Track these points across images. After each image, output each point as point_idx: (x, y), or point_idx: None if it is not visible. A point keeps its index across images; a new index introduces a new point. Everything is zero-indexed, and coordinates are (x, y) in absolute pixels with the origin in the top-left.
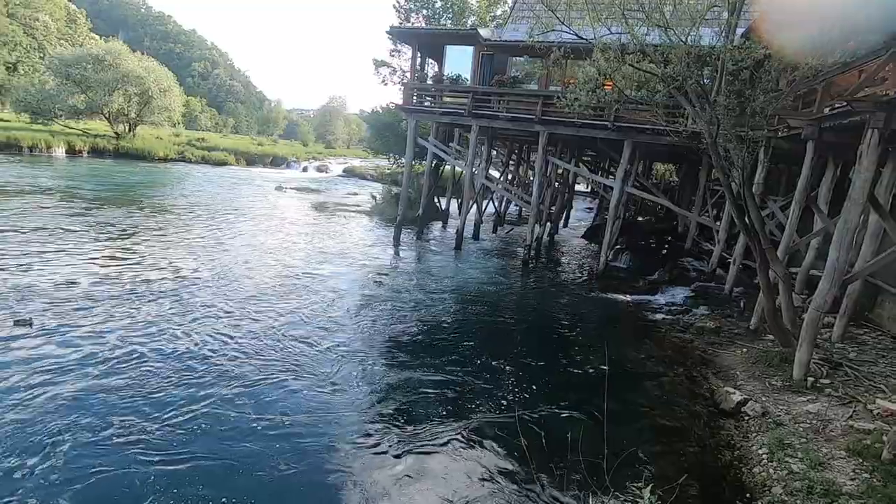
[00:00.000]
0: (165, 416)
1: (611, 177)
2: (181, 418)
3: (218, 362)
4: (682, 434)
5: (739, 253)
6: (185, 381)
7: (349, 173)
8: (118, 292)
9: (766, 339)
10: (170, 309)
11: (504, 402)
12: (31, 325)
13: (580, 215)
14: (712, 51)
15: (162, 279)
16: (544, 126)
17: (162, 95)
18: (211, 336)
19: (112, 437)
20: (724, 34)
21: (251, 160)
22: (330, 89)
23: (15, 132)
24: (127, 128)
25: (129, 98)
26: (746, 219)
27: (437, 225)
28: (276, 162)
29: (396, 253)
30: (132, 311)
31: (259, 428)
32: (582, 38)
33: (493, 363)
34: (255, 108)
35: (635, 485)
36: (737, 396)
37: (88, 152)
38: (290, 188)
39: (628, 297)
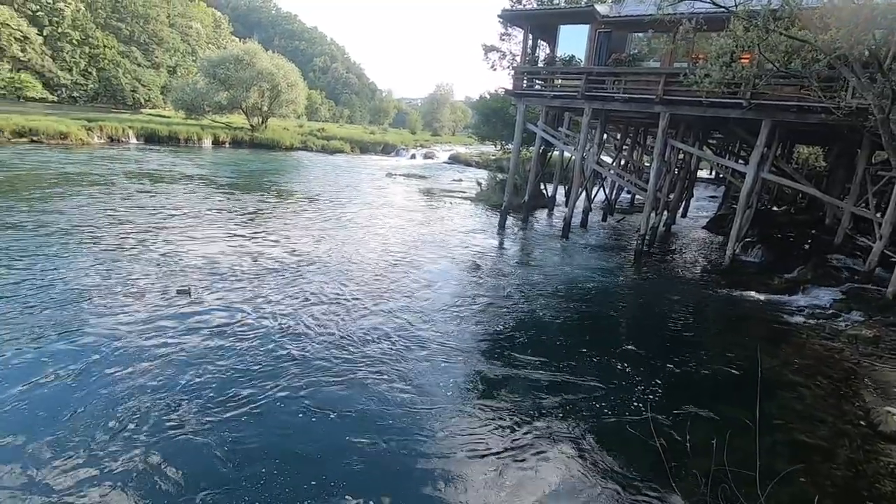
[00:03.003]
0: (269, 390)
1: (741, 161)
2: (283, 395)
3: (323, 344)
4: (829, 454)
5: None
6: (292, 359)
7: (454, 160)
8: (249, 268)
9: None
10: (288, 286)
11: (628, 404)
12: (189, 293)
13: (701, 204)
14: (890, 9)
15: (283, 258)
16: (666, 106)
17: (289, 90)
18: (319, 317)
19: (235, 396)
20: None
21: (364, 148)
22: (437, 77)
23: (175, 127)
24: (260, 120)
25: (263, 93)
26: None
27: (543, 212)
28: (387, 149)
29: (500, 240)
30: (260, 286)
31: (355, 415)
32: (720, 7)
33: (610, 362)
34: (367, 99)
35: None
36: None
37: (230, 143)
38: (399, 175)
39: (760, 296)
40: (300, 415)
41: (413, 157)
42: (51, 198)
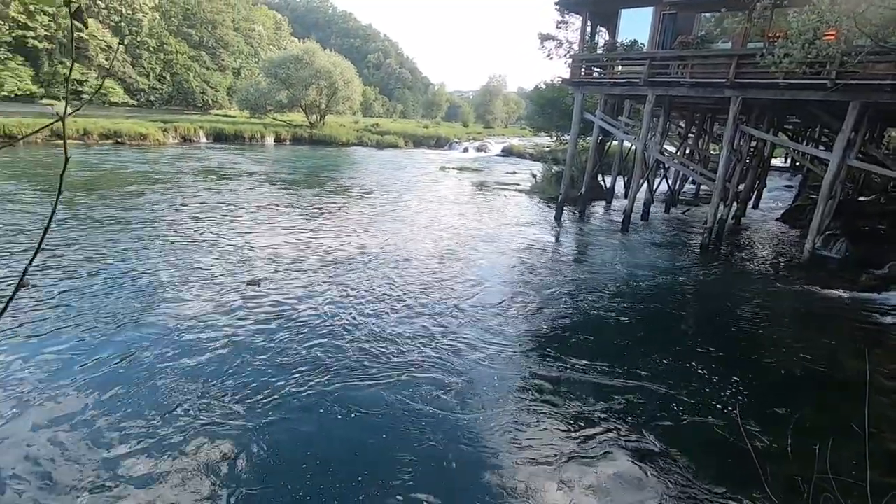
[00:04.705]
0: (320, 384)
1: (821, 147)
2: (333, 390)
3: (373, 339)
4: None
5: None
6: (344, 355)
7: (508, 152)
8: (309, 261)
9: None
10: (344, 279)
11: (707, 406)
12: (259, 285)
13: (775, 194)
14: None
15: (340, 251)
16: (738, 90)
17: (345, 86)
18: (371, 312)
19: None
20: None
21: (417, 142)
22: (490, 69)
23: (240, 126)
24: (318, 117)
25: (321, 91)
26: None
27: (601, 204)
28: (440, 143)
29: (556, 235)
30: (316, 279)
31: (403, 414)
32: None
33: (681, 364)
34: (420, 93)
35: None
36: None
37: (290, 140)
38: (453, 168)
39: (844, 294)
40: (347, 410)
41: (466, 150)
42: (130, 194)
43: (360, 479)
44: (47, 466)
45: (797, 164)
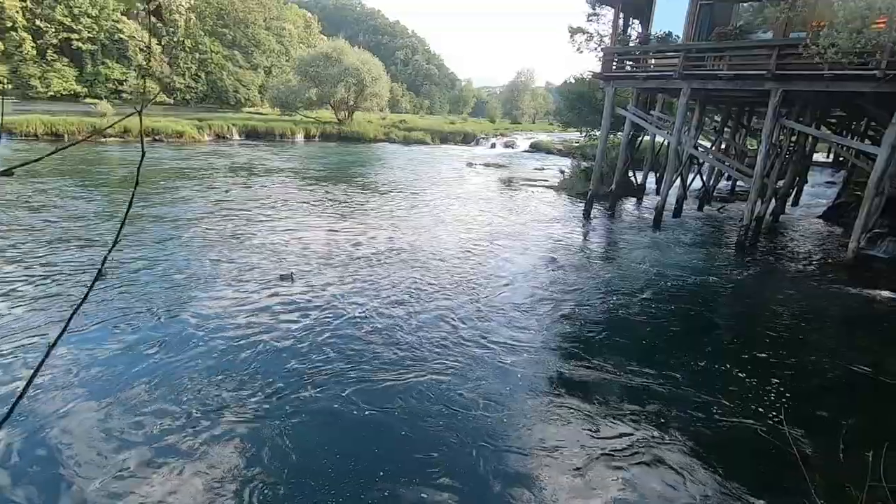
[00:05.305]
0: (340, 381)
1: (867, 141)
2: (354, 387)
3: (397, 337)
4: None
5: None
6: (367, 351)
7: (535, 148)
8: (339, 256)
9: None
10: (370, 275)
11: (747, 411)
12: (292, 279)
13: (816, 191)
14: None
15: (367, 247)
16: (779, 82)
17: (373, 83)
18: (395, 309)
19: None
20: None
21: (444, 138)
22: (517, 63)
23: (271, 123)
24: (346, 114)
25: (349, 88)
26: None
27: (631, 201)
28: (467, 139)
29: (585, 232)
30: (345, 274)
31: (425, 412)
32: None
33: (717, 367)
34: (447, 89)
35: None
36: None
37: (319, 137)
38: (480, 164)
39: (892, 295)
40: (371, 407)
41: (493, 145)
42: (166, 190)
43: (381, 475)
44: (71, 450)
45: (841, 159)
